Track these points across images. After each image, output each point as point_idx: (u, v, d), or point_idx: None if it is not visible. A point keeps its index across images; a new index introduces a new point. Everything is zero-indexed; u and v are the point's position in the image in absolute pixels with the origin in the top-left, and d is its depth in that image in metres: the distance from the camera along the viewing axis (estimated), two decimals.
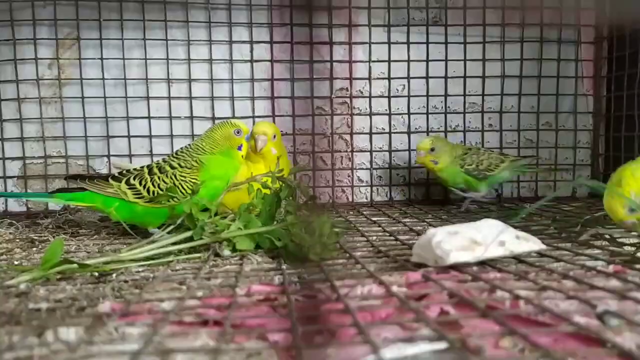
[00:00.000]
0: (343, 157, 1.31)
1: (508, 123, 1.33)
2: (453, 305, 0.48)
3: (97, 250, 0.78)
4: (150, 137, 1.23)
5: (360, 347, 0.38)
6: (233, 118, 1.19)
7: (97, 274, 0.62)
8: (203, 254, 0.71)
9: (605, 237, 0.75)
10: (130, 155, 1.23)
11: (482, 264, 0.61)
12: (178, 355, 0.39)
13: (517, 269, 0.60)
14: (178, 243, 0.72)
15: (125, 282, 0.59)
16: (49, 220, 1.03)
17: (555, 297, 0.48)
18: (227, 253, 0.71)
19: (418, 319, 0.44)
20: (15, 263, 0.70)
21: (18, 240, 0.86)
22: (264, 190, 0.78)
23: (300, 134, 1.28)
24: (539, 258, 0.65)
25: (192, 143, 0.92)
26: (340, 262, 0.67)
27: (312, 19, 1.26)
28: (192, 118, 1.24)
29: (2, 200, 1.22)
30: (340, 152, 1.30)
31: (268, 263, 0.68)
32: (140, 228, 0.87)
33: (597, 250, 0.69)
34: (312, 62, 1.26)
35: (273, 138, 0.96)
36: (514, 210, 1.08)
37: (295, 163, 1.25)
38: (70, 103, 1.22)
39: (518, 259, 0.64)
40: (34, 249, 0.80)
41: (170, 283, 0.58)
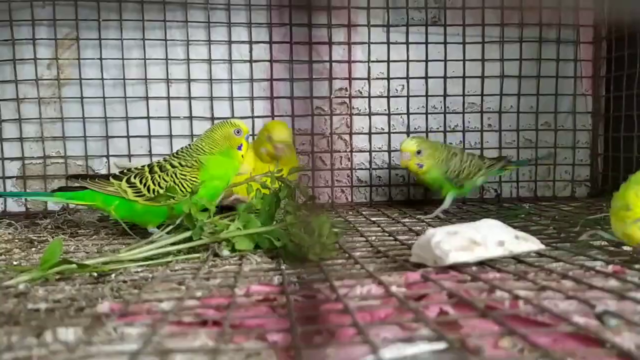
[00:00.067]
0: (342, 157, 1.31)
1: (507, 123, 1.33)
2: (452, 306, 0.48)
3: (96, 251, 0.78)
4: (150, 137, 1.23)
5: (360, 347, 0.38)
6: (233, 118, 1.19)
7: (96, 274, 0.62)
8: (202, 254, 0.71)
9: (604, 237, 0.75)
10: (130, 156, 1.23)
11: (481, 264, 0.61)
12: (177, 356, 0.39)
13: (516, 269, 0.60)
14: (177, 243, 0.72)
15: (124, 282, 0.59)
16: (48, 221, 1.02)
17: (555, 297, 0.48)
18: (226, 253, 0.71)
19: (417, 319, 0.44)
20: (14, 263, 0.70)
21: (17, 241, 0.86)
22: (264, 190, 0.78)
23: (300, 134, 1.28)
24: (538, 258, 0.65)
25: (192, 143, 0.92)
26: (340, 262, 0.67)
27: (311, 19, 1.26)
28: (191, 118, 1.24)
29: (1, 201, 1.22)
30: (340, 152, 1.30)
31: (267, 263, 0.68)
32: (140, 227, 0.88)
33: (596, 251, 0.70)
34: (311, 62, 1.26)
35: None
36: (513, 210, 1.08)
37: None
38: (70, 103, 1.22)
39: (517, 259, 0.64)
40: (33, 249, 0.80)
41: (169, 283, 0.58)
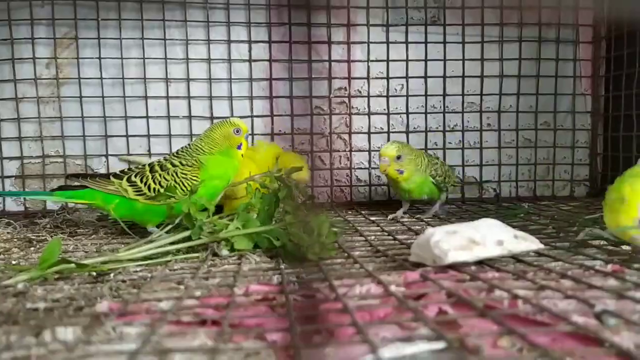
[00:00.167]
0: (342, 156, 1.31)
1: (506, 122, 1.33)
2: (451, 305, 0.48)
3: (95, 250, 0.78)
4: (149, 136, 1.23)
5: (359, 346, 0.38)
6: (231, 117, 1.19)
7: (95, 274, 0.62)
8: (201, 254, 0.71)
9: (603, 236, 0.75)
10: (129, 155, 1.23)
11: (480, 264, 0.61)
12: (176, 355, 0.39)
13: (515, 269, 0.60)
14: (176, 243, 0.72)
15: (123, 281, 0.59)
16: (47, 220, 1.02)
17: (554, 296, 0.48)
18: (225, 253, 0.71)
19: (416, 319, 0.44)
20: (13, 263, 0.70)
21: (16, 240, 0.86)
22: (263, 190, 0.78)
23: (299, 134, 1.28)
24: (537, 257, 0.65)
25: (191, 143, 0.91)
26: (339, 261, 0.67)
27: (310, 19, 1.26)
28: (190, 117, 1.24)
29: None
30: (339, 151, 1.30)
31: (266, 263, 0.68)
32: (139, 227, 0.88)
33: (595, 250, 0.70)
34: (310, 61, 1.26)
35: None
36: (513, 210, 1.08)
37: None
38: (68, 102, 1.22)
39: (516, 259, 0.64)
40: (32, 249, 0.80)
41: (168, 283, 0.58)
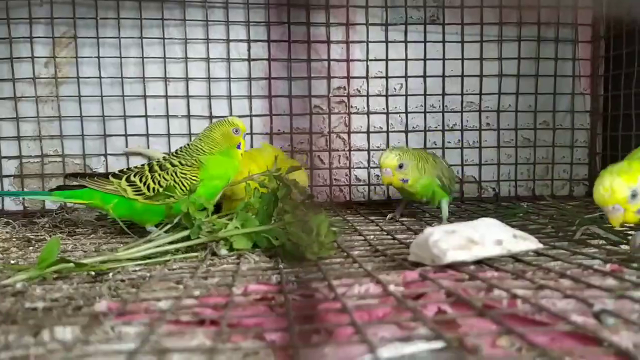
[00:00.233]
0: (341, 156, 1.31)
1: (505, 122, 1.33)
2: (450, 305, 0.48)
3: (93, 250, 0.78)
4: (147, 135, 1.23)
5: (358, 346, 0.38)
6: (230, 116, 1.19)
7: (93, 273, 0.62)
8: (200, 253, 0.71)
9: (602, 235, 0.75)
10: (127, 154, 1.23)
11: (479, 263, 0.61)
12: (174, 355, 0.39)
13: (514, 268, 0.60)
14: (175, 242, 0.71)
15: (122, 281, 0.59)
16: (46, 219, 1.02)
17: (553, 296, 0.48)
18: (224, 252, 0.71)
19: (415, 318, 0.44)
20: (12, 262, 0.70)
21: (14, 239, 0.86)
22: (261, 190, 0.78)
23: (298, 133, 1.27)
24: (536, 257, 0.65)
25: (191, 143, 0.91)
26: (338, 261, 0.67)
27: (309, 18, 1.26)
28: (189, 117, 1.24)
29: None
30: (338, 151, 1.30)
31: (265, 262, 0.68)
32: (138, 226, 0.87)
33: (594, 249, 0.70)
34: (309, 60, 1.26)
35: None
36: (512, 209, 1.08)
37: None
38: (67, 102, 1.21)
39: (515, 258, 0.64)
40: (31, 248, 0.80)
41: (167, 282, 0.58)
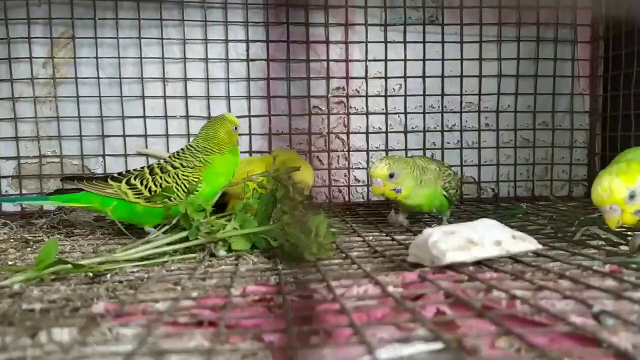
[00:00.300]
0: (340, 156, 1.30)
1: (504, 122, 1.33)
2: (449, 306, 0.48)
3: (91, 251, 0.78)
4: (146, 136, 1.23)
5: (356, 347, 0.38)
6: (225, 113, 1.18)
7: (91, 275, 0.61)
8: (198, 254, 0.71)
9: (602, 236, 0.75)
10: (126, 155, 1.23)
11: (478, 264, 0.61)
12: (172, 356, 0.39)
13: (513, 269, 0.60)
14: (173, 243, 0.71)
15: (120, 282, 0.59)
16: (44, 221, 1.02)
17: (552, 297, 0.48)
18: (222, 253, 0.71)
19: (414, 319, 0.44)
20: (9, 263, 0.69)
21: (12, 240, 0.86)
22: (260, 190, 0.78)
23: (297, 134, 1.27)
24: (535, 258, 0.65)
25: (193, 143, 0.90)
26: (337, 262, 0.66)
27: (308, 18, 1.26)
28: (187, 117, 1.24)
29: None
30: (337, 151, 1.30)
31: (264, 263, 0.67)
32: (136, 227, 0.87)
33: (593, 250, 0.69)
34: (308, 61, 1.26)
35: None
36: (511, 210, 1.08)
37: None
38: (65, 102, 1.21)
39: (514, 259, 0.64)
40: (28, 249, 0.80)
41: (165, 283, 0.57)
